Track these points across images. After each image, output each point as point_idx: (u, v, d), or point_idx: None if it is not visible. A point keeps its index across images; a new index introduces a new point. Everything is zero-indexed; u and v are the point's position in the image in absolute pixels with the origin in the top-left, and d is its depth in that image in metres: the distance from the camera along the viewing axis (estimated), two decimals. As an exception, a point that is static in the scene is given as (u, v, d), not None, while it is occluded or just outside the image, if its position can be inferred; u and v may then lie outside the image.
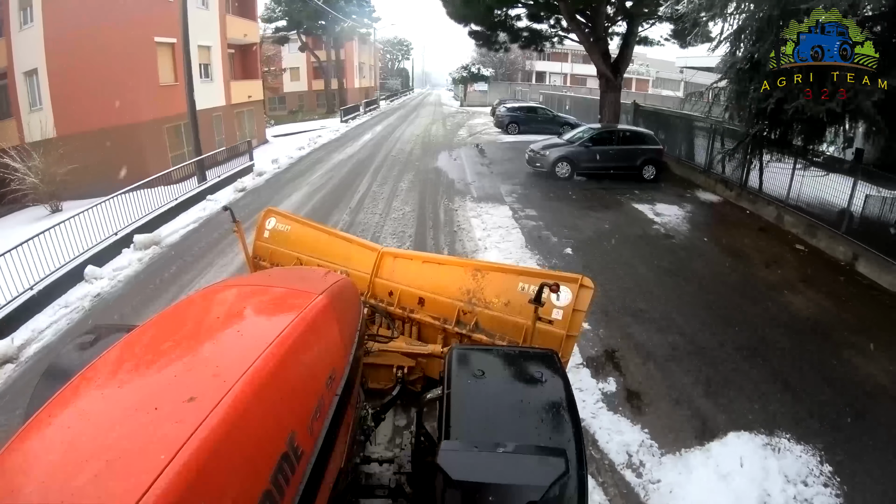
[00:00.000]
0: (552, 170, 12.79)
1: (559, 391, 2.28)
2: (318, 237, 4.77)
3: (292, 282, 2.62)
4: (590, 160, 12.68)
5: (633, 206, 10.57)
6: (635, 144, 12.87)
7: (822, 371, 4.94)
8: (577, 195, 11.39)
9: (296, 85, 44.85)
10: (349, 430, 2.33)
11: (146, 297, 7.07)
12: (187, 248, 9.06)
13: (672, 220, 9.72)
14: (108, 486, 1.13)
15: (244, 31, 22.00)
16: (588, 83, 51.45)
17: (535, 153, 13.31)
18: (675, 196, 11.41)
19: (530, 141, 16.03)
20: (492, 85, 45.70)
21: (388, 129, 26.34)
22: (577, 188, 11.97)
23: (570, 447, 1.98)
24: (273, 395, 1.58)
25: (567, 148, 13.06)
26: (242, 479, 1.35)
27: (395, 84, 66.63)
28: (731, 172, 10.92)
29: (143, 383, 1.58)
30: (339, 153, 18.51)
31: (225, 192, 12.95)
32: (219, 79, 19.83)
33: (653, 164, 12.64)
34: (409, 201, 11.33)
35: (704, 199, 11.33)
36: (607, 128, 13.65)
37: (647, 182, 12.52)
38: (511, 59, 49.32)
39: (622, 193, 11.47)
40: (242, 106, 22.02)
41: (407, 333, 4.14)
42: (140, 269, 8.22)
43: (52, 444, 1.31)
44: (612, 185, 12.10)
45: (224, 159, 14.84)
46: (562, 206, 10.60)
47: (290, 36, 39.04)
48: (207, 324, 2.06)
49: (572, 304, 3.40)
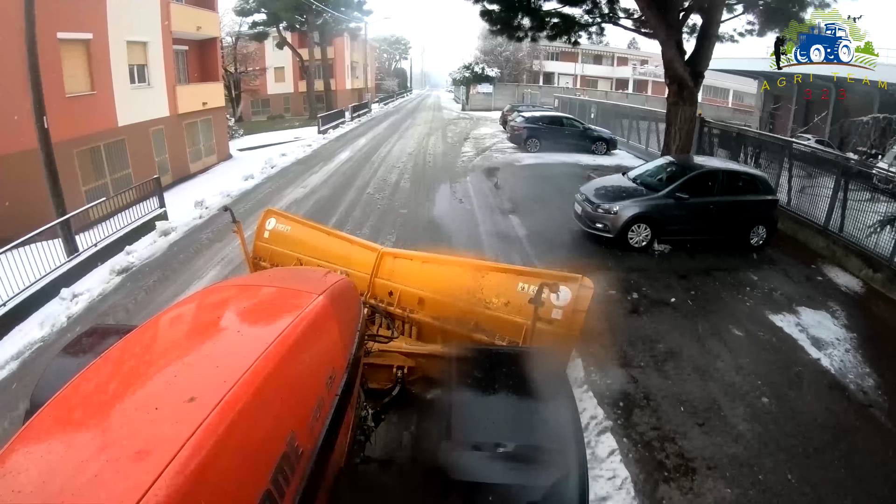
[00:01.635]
0: (621, 235, 7.85)
1: (559, 391, 2.28)
2: (318, 237, 4.78)
3: (292, 282, 2.62)
4: (681, 220, 7.92)
5: (768, 319, 6.15)
6: (744, 194, 8.17)
7: None
8: (674, 291, 6.74)
9: (280, 86, 40.07)
10: (349, 430, 2.33)
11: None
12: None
13: (841, 355, 5.51)
14: (108, 486, 1.13)
15: (197, 24, 17.51)
16: (599, 85, 49.52)
17: (592, 205, 8.14)
18: (805, 284, 7.23)
19: (558, 164, 13.21)
20: (497, 86, 41.56)
21: (375, 142, 20.75)
22: (665, 273, 7.28)
23: (570, 447, 1.98)
24: (273, 395, 1.58)
25: (646, 200, 7.94)
26: (242, 479, 1.35)
27: (391, 85, 63.15)
28: (874, 237, 7.22)
29: (143, 383, 1.58)
30: (296, 186, 12.81)
31: (96, 277, 7.68)
32: (159, 83, 15.48)
33: (764, 222, 8.19)
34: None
35: (847, 289, 7.17)
36: (706, 168, 8.33)
37: (754, 251, 8.19)
38: (518, 58, 46.42)
39: (738, 284, 7.08)
40: (196, 115, 17.68)
41: (407, 333, 4.13)
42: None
43: (53, 443, 1.31)
44: (715, 263, 7.66)
45: (119, 207, 9.54)
46: (656, 323, 5.96)
47: (269, 31, 34.32)
48: (207, 324, 2.07)
49: (572, 304, 3.40)
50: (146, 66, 14.92)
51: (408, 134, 23.57)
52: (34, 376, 4.49)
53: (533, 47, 45.57)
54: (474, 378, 2.35)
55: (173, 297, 6.81)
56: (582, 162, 15.28)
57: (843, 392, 4.93)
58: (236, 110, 34.17)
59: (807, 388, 4.95)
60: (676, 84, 11.07)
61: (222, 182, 13.69)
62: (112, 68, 12.80)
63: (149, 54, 14.94)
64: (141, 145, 14.28)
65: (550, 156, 16.08)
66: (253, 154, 20.29)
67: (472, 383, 2.32)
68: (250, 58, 36.17)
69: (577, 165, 14.81)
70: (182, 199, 12.04)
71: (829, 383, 5.05)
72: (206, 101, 18.29)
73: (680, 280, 7.10)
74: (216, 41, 19.94)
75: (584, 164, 14.80)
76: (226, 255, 8.15)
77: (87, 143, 12.24)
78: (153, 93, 15.28)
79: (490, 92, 41.01)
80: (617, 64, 52.06)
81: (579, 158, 15.83)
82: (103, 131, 12.47)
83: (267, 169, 14.97)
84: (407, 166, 15.02)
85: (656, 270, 7.37)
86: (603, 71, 51.88)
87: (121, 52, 13.08)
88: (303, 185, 13.01)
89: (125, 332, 2.06)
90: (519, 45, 45.14)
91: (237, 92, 34.41)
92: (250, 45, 35.62)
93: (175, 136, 16.40)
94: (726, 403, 4.63)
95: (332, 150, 19.06)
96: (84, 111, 12.05)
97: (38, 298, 6.84)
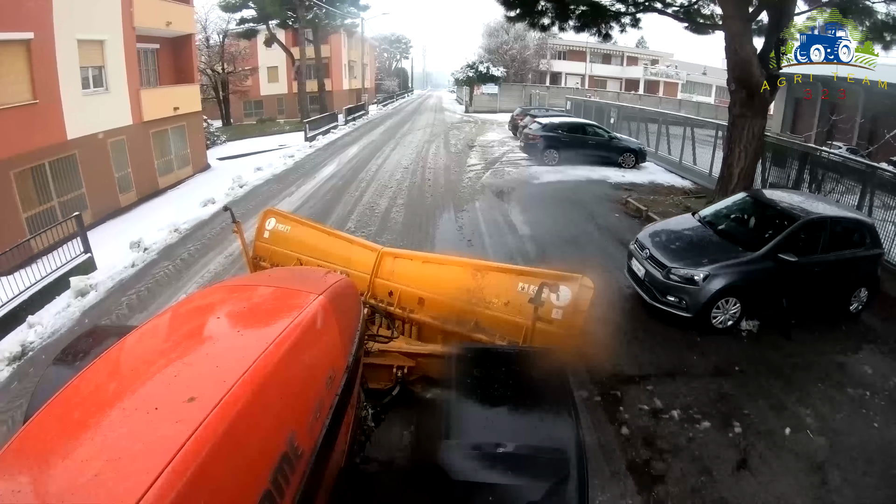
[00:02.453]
0: (703, 314, 5.60)
1: (559, 391, 2.28)
2: (318, 237, 4.78)
3: (292, 282, 2.62)
4: (780, 289, 5.81)
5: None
6: (850, 248, 6.09)
7: None
8: (791, 411, 4.52)
9: (274, 87, 37.98)
10: (349, 430, 2.34)
11: None
12: None
13: None
14: (108, 486, 1.13)
15: (167, 18, 15.60)
16: (608, 86, 46.60)
17: (660, 267, 5.82)
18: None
19: (583, 182, 11.59)
20: (502, 87, 39.15)
21: (367, 151, 18.12)
22: (768, 372, 5.06)
23: (570, 447, 1.98)
24: (273, 395, 1.58)
25: (738, 264, 5.70)
26: (242, 479, 1.35)
27: (391, 85, 60.93)
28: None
29: (142, 383, 1.58)
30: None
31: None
32: (120, 87, 13.46)
33: (868, 283, 6.23)
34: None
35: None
36: (812, 215, 5.97)
37: (856, 319, 6.20)
38: (524, 56, 44.23)
39: (851, 380, 5.06)
40: (166, 122, 15.72)
41: (407, 333, 4.14)
42: None
43: (53, 443, 1.31)
44: (823, 349, 5.56)
45: (35, 254, 7.62)
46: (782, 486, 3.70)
47: (258, 28, 31.64)
48: (207, 324, 2.07)
49: (573, 304, 3.40)
50: (103, 68, 12.88)
51: (406, 141, 20.82)
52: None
53: (540, 45, 44.27)
54: (474, 378, 2.35)
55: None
56: (610, 178, 13.46)
57: None
58: (226, 113, 32.67)
59: None
60: (745, 90, 8.71)
61: (176, 209, 11.37)
62: (59, 72, 11.10)
63: (107, 54, 12.93)
64: (97, 160, 12.24)
65: (572, 170, 14.13)
66: (234, 164, 18.39)
67: (472, 383, 2.33)
68: (240, 56, 33.59)
69: (606, 183, 12.87)
70: (132, 229, 9.99)
71: None
72: (179, 106, 16.25)
73: (790, 387, 4.87)
74: (191, 38, 17.91)
75: (613, 182, 13.02)
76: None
77: (28, 161, 10.31)
78: (112, 99, 13.13)
79: (495, 93, 38.83)
80: (626, 63, 49.24)
81: (606, 173, 13.95)
82: (49, 146, 10.65)
83: (234, 189, 12.65)
84: (402, 186, 12.42)
85: (754, 372, 5.06)
86: (612, 71, 49.13)
87: (71, 53, 11.39)
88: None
89: (125, 332, 2.07)
90: (526, 43, 44.53)
91: (225, 93, 32.68)
92: (241, 42, 33.07)
93: (140, 147, 14.26)
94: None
95: (317, 162, 16.62)
96: (23, 124, 10.27)
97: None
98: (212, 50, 31.53)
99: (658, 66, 48.21)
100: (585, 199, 11.21)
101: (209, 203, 11.30)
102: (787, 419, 4.44)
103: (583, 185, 12.56)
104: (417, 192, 11.90)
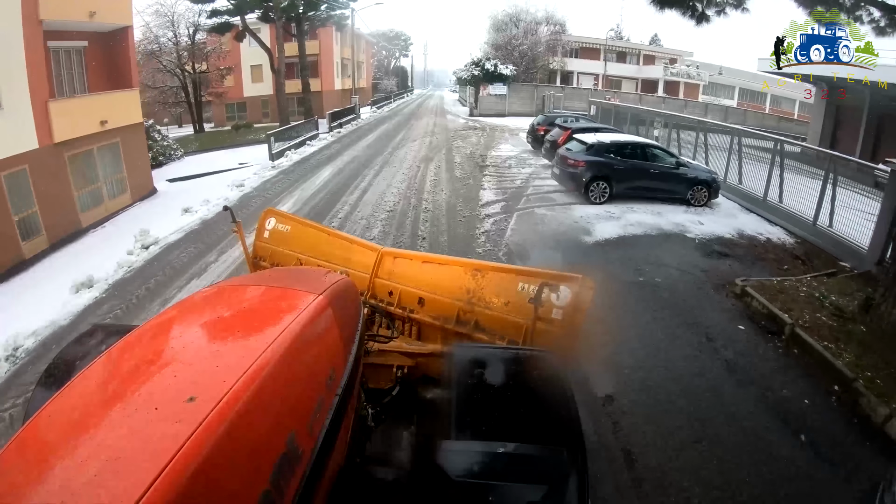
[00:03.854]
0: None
1: (559, 390, 2.28)
2: (318, 237, 4.79)
3: (292, 282, 2.62)
4: None
5: None
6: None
7: None
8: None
9: (258, 87, 34.38)
10: (349, 430, 2.34)
11: None
12: None
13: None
14: (108, 486, 1.13)
15: (89, 9, 12.05)
16: (623, 86, 42.15)
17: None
18: None
19: (657, 237, 8.51)
20: (511, 87, 34.79)
21: (344, 177, 13.90)
22: None
23: (570, 447, 1.98)
24: (273, 395, 1.58)
25: None
26: (242, 479, 1.35)
27: (389, 84, 57.24)
28: None
29: (142, 383, 1.58)
30: (152, 314, 4.99)
31: None
32: (18, 101, 10.05)
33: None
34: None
35: None
36: None
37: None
38: (535, 52, 40.20)
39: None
40: (91, 141, 12.33)
41: (407, 333, 4.14)
42: None
43: (52, 444, 1.31)
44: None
45: None
46: None
47: (233, 22, 27.21)
48: (207, 324, 2.07)
49: (573, 304, 3.40)
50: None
51: (397, 158, 16.41)
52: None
53: (553, 41, 41.10)
54: (474, 378, 2.35)
55: None
56: (688, 230, 9.17)
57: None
58: (199, 118, 29.93)
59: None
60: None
61: (97, 259, 8.29)
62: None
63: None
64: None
65: (630, 212, 9.97)
66: (185, 187, 14.97)
67: (472, 383, 2.33)
68: (217, 54, 30.45)
69: (688, 241, 8.65)
70: (26, 298, 7.39)
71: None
72: (108, 119, 12.62)
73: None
74: (128, 32, 14.34)
75: (695, 237, 8.79)
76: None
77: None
78: (6, 117, 9.77)
79: (504, 94, 34.20)
80: (643, 62, 44.20)
81: (677, 219, 9.74)
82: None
83: (135, 253, 8.54)
84: (385, 242, 8.11)
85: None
86: (627, 70, 44.13)
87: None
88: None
89: (125, 331, 2.07)
90: (537, 38, 40.71)
91: (198, 96, 29.93)
92: (220, 38, 29.59)
93: (50, 176, 10.88)
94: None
95: (273, 194, 12.34)
96: None
97: None
98: (181, 47, 28.75)
99: (677, 65, 43.50)
100: (676, 282, 6.85)
101: (83, 287, 7.24)
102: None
103: (658, 246, 8.29)
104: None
